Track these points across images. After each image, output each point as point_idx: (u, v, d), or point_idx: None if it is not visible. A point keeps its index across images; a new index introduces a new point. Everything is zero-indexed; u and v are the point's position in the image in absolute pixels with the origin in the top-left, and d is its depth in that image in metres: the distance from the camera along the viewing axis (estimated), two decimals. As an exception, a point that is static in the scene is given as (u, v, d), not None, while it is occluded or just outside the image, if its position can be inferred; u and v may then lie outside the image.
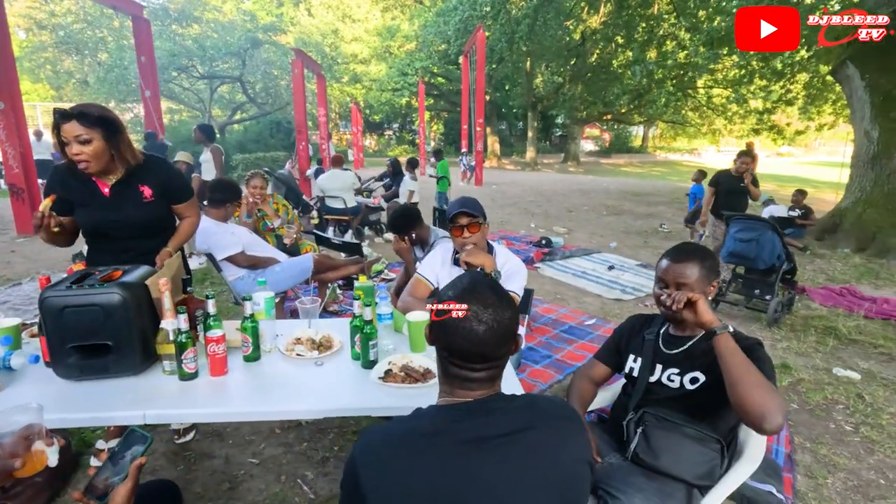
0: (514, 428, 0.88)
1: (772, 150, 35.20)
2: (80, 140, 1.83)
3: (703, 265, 1.49)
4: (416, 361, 1.67)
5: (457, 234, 2.03)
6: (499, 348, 0.92)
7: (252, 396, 1.51)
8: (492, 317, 0.91)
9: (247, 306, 1.66)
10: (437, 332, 0.95)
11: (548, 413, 0.94)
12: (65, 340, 1.47)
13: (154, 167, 2.11)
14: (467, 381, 0.93)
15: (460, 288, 0.96)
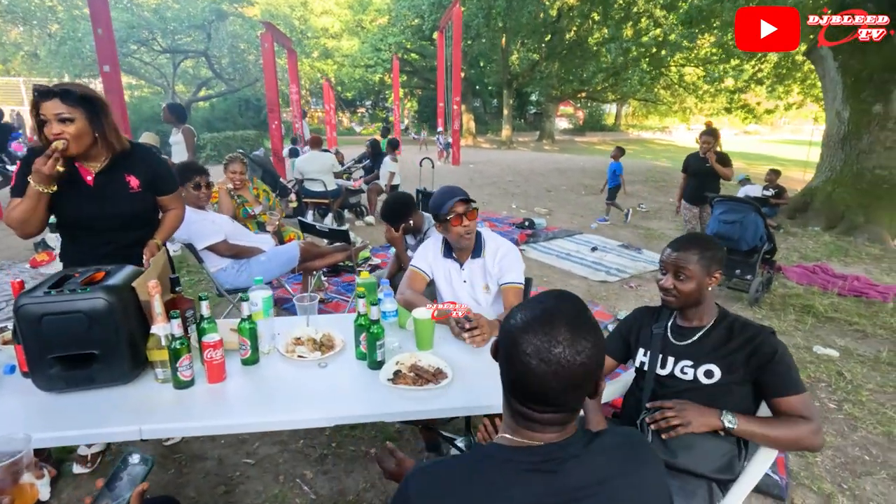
0: (590, 482, 0.79)
1: (739, 129, 36.03)
2: (60, 118, 1.69)
3: (703, 254, 1.47)
4: (424, 360, 1.61)
5: (456, 223, 1.95)
6: (566, 394, 0.79)
7: (256, 405, 1.42)
8: (562, 356, 0.77)
9: (244, 307, 1.56)
10: (503, 357, 0.84)
11: (626, 459, 0.83)
12: (45, 351, 1.35)
13: (141, 155, 1.97)
14: (531, 421, 0.81)
15: (533, 314, 0.82)
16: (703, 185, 4.88)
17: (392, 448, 1.23)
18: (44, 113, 1.68)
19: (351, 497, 2.01)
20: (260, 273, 3.06)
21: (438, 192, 2.03)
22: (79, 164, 1.82)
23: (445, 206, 1.93)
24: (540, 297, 0.86)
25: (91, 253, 1.91)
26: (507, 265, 2.01)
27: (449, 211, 1.93)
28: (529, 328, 0.79)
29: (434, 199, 2.01)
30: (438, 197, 2.00)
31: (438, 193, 2.01)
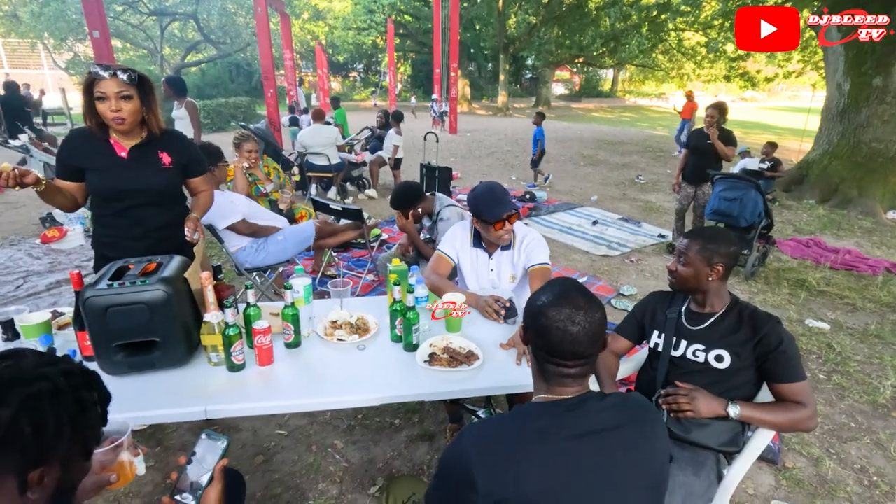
0: (610, 424, 0.98)
1: (736, 96, 35.73)
2: (121, 96, 1.78)
3: (706, 245, 1.56)
4: (455, 343, 1.73)
5: (499, 227, 2.01)
6: (591, 347, 1.01)
7: (304, 386, 1.54)
8: (584, 318, 0.99)
9: (287, 295, 1.66)
10: (535, 333, 1.03)
11: (636, 411, 1.03)
12: (110, 339, 1.45)
13: (173, 137, 2.06)
14: (563, 377, 1.02)
15: (553, 294, 1.03)
16: (703, 163, 4.57)
17: None
18: (103, 91, 1.75)
19: (380, 465, 2.17)
20: (277, 252, 3.16)
21: (485, 194, 2.03)
22: (114, 141, 1.89)
23: (493, 214, 1.98)
24: (550, 283, 1.10)
25: (124, 235, 1.99)
26: (532, 249, 2.11)
27: (498, 218, 1.99)
28: (556, 304, 1.01)
29: (480, 202, 2.02)
30: (486, 201, 2.01)
31: (486, 197, 2.01)
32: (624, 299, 3.84)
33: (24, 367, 0.73)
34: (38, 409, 0.69)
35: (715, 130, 4.42)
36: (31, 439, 0.68)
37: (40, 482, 0.71)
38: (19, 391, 0.69)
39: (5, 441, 0.66)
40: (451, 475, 0.97)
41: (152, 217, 2.04)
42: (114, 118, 1.79)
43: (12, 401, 0.68)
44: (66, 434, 0.72)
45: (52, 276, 3.87)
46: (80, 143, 1.91)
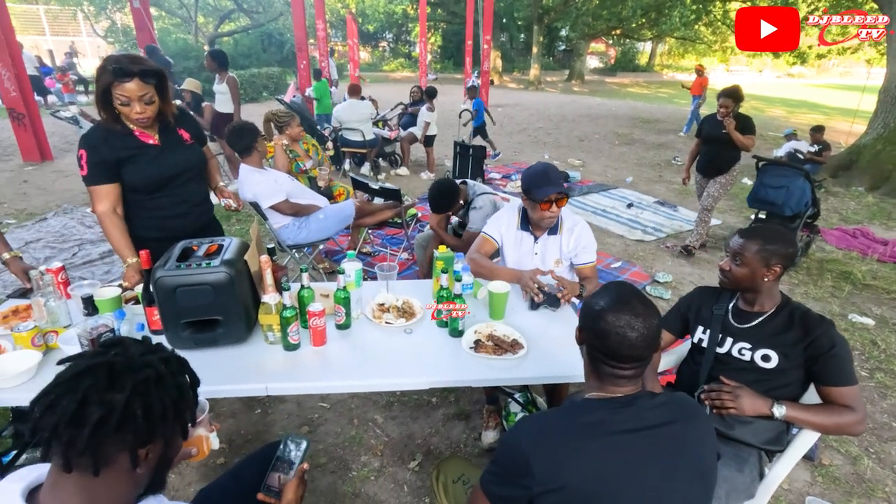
0: (660, 421, 1.02)
1: (782, 71, 33.86)
2: (145, 100, 1.79)
3: (765, 246, 1.53)
4: (499, 330, 1.77)
5: (545, 207, 2.03)
6: (647, 350, 1.04)
7: (356, 367, 1.60)
8: (643, 324, 1.02)
9: (340, 279, 1.72)
10: (593, 335, 1.06)
11: (685, 410, 1.06)
12: (178, 316, 1.54)
13: (180, 114, 2.08)
14: (618, 378, 1.05)
15: (612, 299, 1.05)
16: (718, 153, 4.14)
17: None
18: (126, 95, 1.74)
19: (419, 441, 2.26)
20: (318, 230, 3.23)
21: (536, 171, 2.05)
22: (138, 132, 1.90)
23: (542, 192, 2.00)
24: (607, 288, 1.12)
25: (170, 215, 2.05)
26: (582, 246, 2.13)
27: (544, 197, 2.01)
28: (616, 309, 1.04)
29: (530, 178, 2.04)
30: (536, 178, 2.03)
31: (537, 175, 2.04)
32: (659, 286, 3.81)
33: (132, 355, 0.80)
34: (147, 394, 0.76)
35: (731, 121, 3.94)
36: (142, 421, 0.75)
37: (146, 458, 0.79)
38: (130, 378, 0.76)
39: (121, 423, 0.73)
40: (509, 461, 1.03)
41: (193, 193, 2.12)
42: (137, 119, 1.81)
43: (125, 386, 0.75)
44: (169, 416, 0.79)
45: (104, 246, 4.05)
46: (105, 139, 1.86)
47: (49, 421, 0.72)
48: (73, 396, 0.72)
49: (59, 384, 0.75)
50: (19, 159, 6.58)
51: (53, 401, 0.73)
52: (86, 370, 0.75)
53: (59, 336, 1.57)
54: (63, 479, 0.74)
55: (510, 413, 2.22)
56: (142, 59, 1.82)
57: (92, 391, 0.73)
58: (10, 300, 1.90)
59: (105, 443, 0.73)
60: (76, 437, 0.71)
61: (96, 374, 0.75)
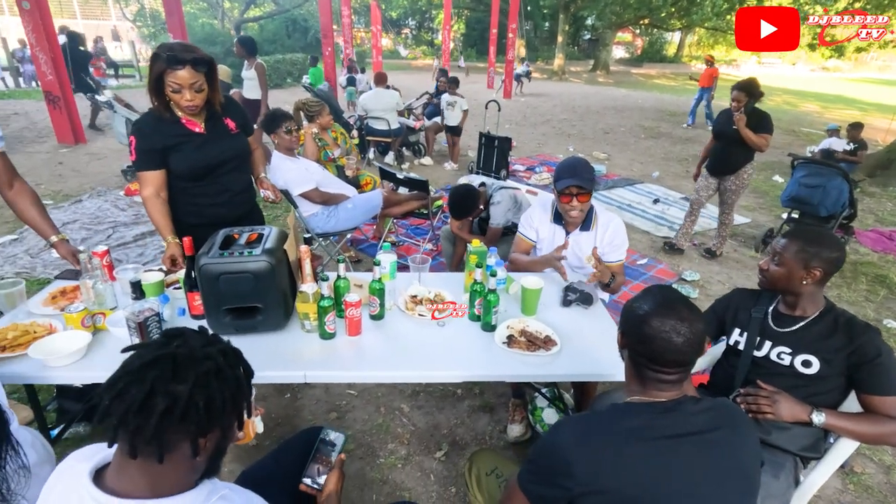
0: (705, 427, 1.01)
1: (817, 65, 32.72)
2: (196, 88, 1.83)
3: (805, 248, 1.50)
4: (531, 326, 1.78)
5: (565, 200, 2.04)
6: (693, 355, 1.03)
7: (391, 358, 1.62)
8: (689, 329, 1.01)
9: (375, 270, 1.74)
10: (636, 340, 1.05)
11: (729, 416, 1.05)
12: (221, 303, 1.58)
13: (227, 102, 2.11)
14: (662, 382, 1.05)
15: (656, 303, 1.04)
16: (728, 151, 3.84)
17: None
18: (178, 82, 1.79)
19: (444, 431, 2.29)
20: (347, 219, 3.26)
21: (565, 163, 2.08)
22: (185, 120, 1.94)
23: (561, 183, 2.01)
24: (651, 292, 1.11)
25: (211, 202, 2.10)
26: (615, 245, 2.12)
27: (563, 188, 2.01)
28: (660, 314, 1.03)
29: (558, 169, 2.08)
30: (561, 170, 2.05)
31: (563, 165, 2.07)
32: (686, 285, 3.76)
33: (193, 347, 0.82)
34: (208, 386, 0.79)
35: (741, 117, 3.67)
36: (203, 412, 0.78)
37: (205, 446, 0.82)
38: (193, 370, 0.78)
39: (184, 413, 0.76)
40: (548, 462, 1.03)
41: (235, 182, 2.16)
42: (187, 107, 1.85)
43: (188, 378, 0.77)
44: (228, 407, 0.82)
45: (137, 228, 4.16)
46: (155, 127, 1.91)
47: (118, 409, 0.75)
48: (141, 386, 0.75)
49: (126, 373, 0.78)
50: (54, 141, 6.76)
51: (122, 389, 0.76)
52: (152, 361, 0.78)
53: (106, 318, 1.62)
54: (128, 463, 0.77)
55: (536, 408, 2.23)
56: (194, 47, 1.86)
57: (158, 382, 0.76)
58: (57, 281, 1.97)
59: (169, 432, 0.76)
60: (143, 425, 0.74)
61: (162, 365, 0.77)
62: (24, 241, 3.84)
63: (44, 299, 1.80)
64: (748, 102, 3.68)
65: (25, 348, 1.51)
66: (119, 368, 0.79)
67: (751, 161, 3.86)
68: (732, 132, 3.72)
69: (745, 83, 3.74)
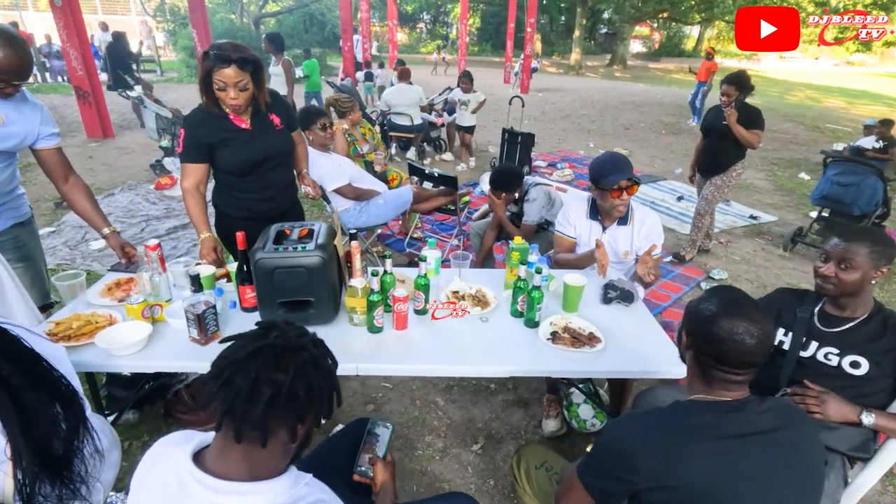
0: (771, 427, 1.02)
1: (840, 59, 32.00)
2: (241, 87, 1.88)
3: (874, 248, 1.50)
4: (574, 323, 1.80)
5: (615, 195, 2.05)
6: (763, 357, 1.04)
7: (438, 352, 1.65)
8: (761, 331, 1.02)
9: (421, 266, 1.77)
10: (704, 340, 1.06)
11: (794, 416, 1.07)
12: (275, 296, 1.62)
13: (272, 98, 2.13)
14: (729, 383, 1.06)
15: (725, 304, 1.05)
16: (717, 148, 3.65)
17: None
18: (223, 80, 1.84)
19: (480, 425, 2.32)
20: (378, 215, 3.30)
21: (604, 161, 2.11)
22: (233, 116, 2.00)
23: (611, 179, 2.02)
24: (717, 292, 1.11)
25: (256, 198, 2.15)
26: (652, 239, 2.13)
27: (614, 184, 2.02)
28: (732, 315, 1.03)
29: (599, 167, 2.10)
30: (604, 166, 2.07)
31: (605, 162, 2.09)
32: (715, 283, 3.74)
33: (290, 337, 0.86)
34: (306, 375, 0.83)
35: (732, 112, 3.46)
36: (304, 399, 0.82)
37: (300, 433, 0.85)
38: (292, 360, 0.82)
39: (287, 401, 0.80)
40: (612, 456, 1.05)
41: (280, 177, 2.21)
42: (232, 105, 1.90)
43: (289, 368, 0.81)
44: (324, 395, 0.86)
45: (169, 222, 4.24)
46: (203, 121, 1.98)
47: (226, 396, 0.79)
48: (247, 375, 0.79)
49: (231, 363, 0.81)
50: (83, 135, 6.90)
51: (228, 378, 0.80)
52: (254, 352, 0.82)
53: (164, 309, 1.68)
54: (232, 448, 0.81)
55: (572, 403, 2.25)
56: (242, 47, 1.90)
57: (262, 371, 0.79)
58: (111, 273, 2.03)
59: (272, 418, 0.79)
60: (250, 412, 0.78)
61: (264, 355, 0.81)
62: (62, 234, 3.95)
63: (100, 290, 1.87)
64: (739, 97, 3.48)
65: (89, 338, 1.57)
66: (221, 359, 0.83)
67: (742, 159, 3.68)
68: (722, 128, 3.54)
69: (735, 76, 3.55)
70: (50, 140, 1.94)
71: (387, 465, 1.30)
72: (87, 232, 3.94)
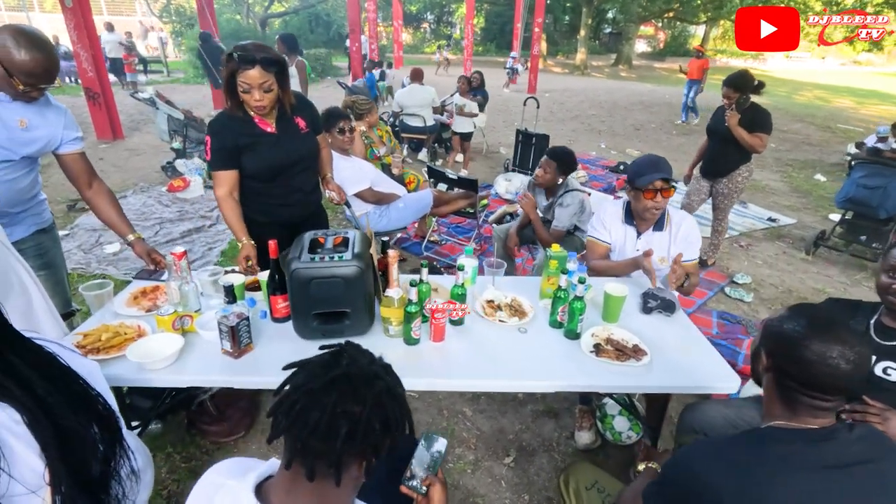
0: (865, 457, 0.95)
1: (847, 58, 31.79)
2: (265, 88, 1.82)
3: None
4: (616, 334, 1.73)
5: (649, 196, 2.00)
6: (859, 383, 0.97)
7: (478, 366, 1.59)
8: (857, 356, 0.95)
9: (459, 275, 1.72)
10: (789, 362, 0.99)
11: (884, 446, 1.00)
12: (310, 307, 1.56)
13: (298, 100, 2.09)
14: (817, 409, 0.99)
15: (814, 325, 0.98)
16: (721, 152, 3.55)
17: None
18: (248, 82, 1.79)
19: (510, 436, 2.26)
20: (398, 219, 3.25)
21: (644, 160, 2.09)
22: (258, 119, 1.95)
23: (646, 179, 1.97)
24: (800, 311, 1.03)
25: (280, 202, 2.10)
26: (689, 242, 2.07)
27: (647, 183, 1.97)
28: (823, 338, 0.95)
29: (636, 166, 2.08)
30: (642, 166, 2.05)
31: (644, 162, 2.07)
32: (738, 288, 3.67)
33: (362, 365, 0.80)
34: (383, 406, 0.77)
35: (733, 114, 3.36)
36: (380, 432, 0.76)
37: (371, 466, 0.79)
38: (369, 391, 0.76)
39: (364, 435, 0.74)
40: (687, 488, 0.97)
41: (305, 182, 2.16)
42: (256, 107, 1.85)
43: (366, 400, 0.75)
44: (400, 427, 0.80)
45: (183, 225, 4.19)
46: (227, 125, 1.93)
47: (300, 432, 0.73)
48: (323, 409, 0.73)
49: (304, 395, 0.75)
50: (93, 137, 6.86)
51: (300, 412, 0.74)
52: (330, 383, 0.76)
53: (194, 320, 1.62)
54: (301, 485, 0.75)
55: (606, 415, 2.19)
56: (266, 47, 1.85)
57: (340, 405, 0.73)
58: (135, 281, 1.98)
59: (348, 454, 0.74)
60: (328, 450, 0.72)
61: (341, 387, 0.75)
62: (75, 237, 3.90)
63: (126, 300, 1.81)
64: (740, 98, 3.37)
65: (118, 350, 1.52)
66: (292, 389, 0.78)
67: (746, 163, 3.55)
68: (725, 130, 3.43)
69: (734, 77, 3.45)
70: (74, 144, 1.90)
71: (443, 484, 1.24)
72: (100, 235, 3.90)
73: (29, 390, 1.02)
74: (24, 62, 1.58)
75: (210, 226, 4.20)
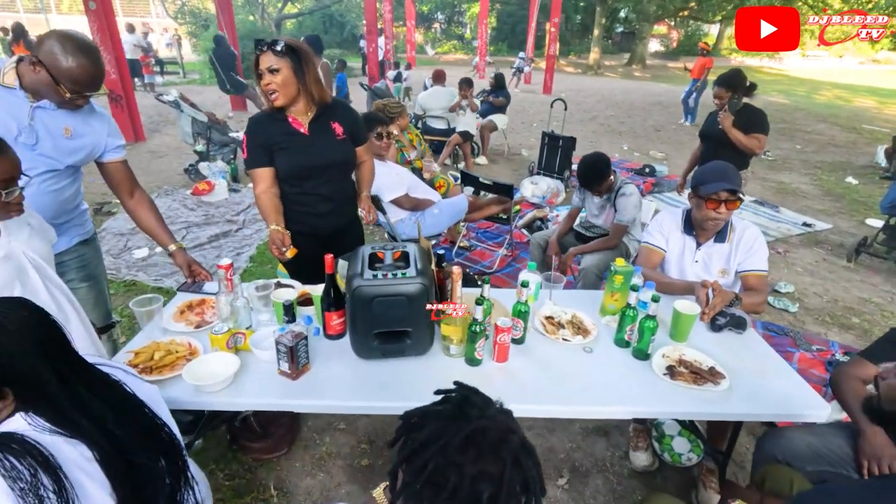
0: None
1: (865, 57, 31.22)
2: (270, 69, 1.79)
3: None
4: (688, 355, 1.64)
5: (712, 206, 1.90)
6: None
7: (545, 389, 1.50)
8: None
9: (522, 292, 1.63)
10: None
11: None
12: (371, 326, 1.49)
13: (340, 107, 2.05)
14: None
15: None
16: (715, 155, 3.19)
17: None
18: (261, 67, 1.79)
19: (562, 455, 2.17)
20: (433, 225, 3.17)
21: (711, 167, 1.99)
22: (292, 119, 1.91)
23: (710, 188, 1.88)
24: None
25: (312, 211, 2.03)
26: (754, 251, 1.97)
27: (711, 192, 1.87)
28: None
29: (702, 172, 1.98)
30: (707, 173, 1.95)
31: (710, 171, 1.96)
32: (782, 298, 3.54)
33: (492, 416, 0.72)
34: (521, 464, 0.69)
35: (727, 116, 3.21)
36: (519, 495, 0.67)
37: None
38: (506, 447, 0.68)
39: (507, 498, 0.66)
40: None
41: (337, 191, 2.08)
42: (266, 91, 1.82)
43: (505, 457, 0.67)
44: (537, 486, 0.71)
45: (210, 229, 4.14)
46: (264, 124, 1.91)
47: (435, 497, 0.65)
48: (461, 471, 0.65)
49: (436, 454, 0.67)
50: (115, 139, 6.87)
51: (433, 473, 0.66)
52: (465, 440, 0.67)
53: (248, 338, 1.55)
54: None
55: (664, 435, 2.09)
56: (290, 38, 1.84)
57: (479, 465, 0.65)
58: (180, 294, 1.91)
59: None
60: None
61: (478, 444, 0.67)
62: (103, 242, 3.86)
63: (173, 314, 1.75)
64: (732, 98, 3.23)
65: (171, 369, 1.46)
66: (420, 447, 0.69)
67: (744, 168, 3.35)
68: (719, 133, 3.26)
69: (726, 76, 3.34)
70: (117, 153, 1.85)
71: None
72: (128, 240, 3.86)
73: (99, 424, 0.95)
74: (71, 69, 1.52)
75: (237, 230, 4.15)
